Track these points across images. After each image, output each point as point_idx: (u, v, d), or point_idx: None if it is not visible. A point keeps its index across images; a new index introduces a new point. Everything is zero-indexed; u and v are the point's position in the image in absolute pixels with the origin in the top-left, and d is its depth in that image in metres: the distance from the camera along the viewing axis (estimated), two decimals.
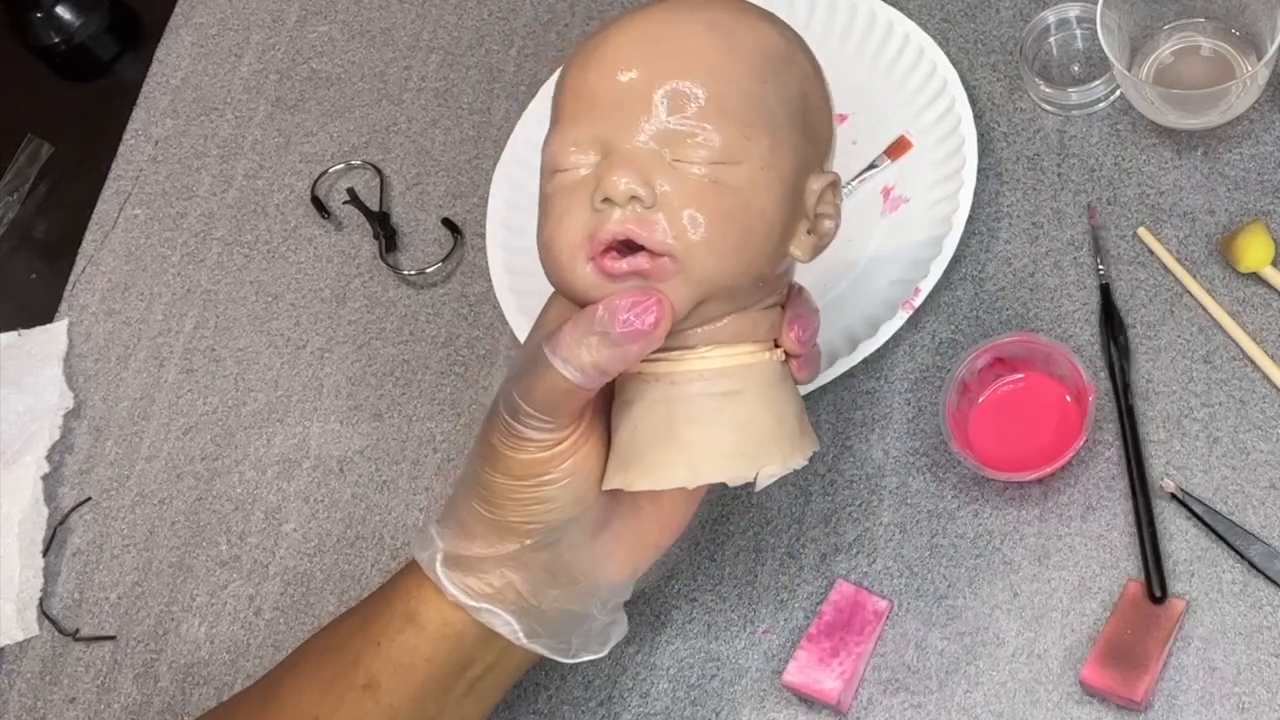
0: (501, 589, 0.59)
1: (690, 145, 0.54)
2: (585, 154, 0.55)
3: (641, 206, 0.53)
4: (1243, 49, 0.79)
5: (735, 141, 0.54)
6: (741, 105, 0.55)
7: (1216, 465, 0.71)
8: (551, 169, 0.56)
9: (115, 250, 0.94)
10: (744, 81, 0.55)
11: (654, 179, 0.54)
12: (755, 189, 0.55)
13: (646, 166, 0.54)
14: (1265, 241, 0.74)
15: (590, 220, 0.54)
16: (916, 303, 0.76)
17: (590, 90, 0.56)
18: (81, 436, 0.88)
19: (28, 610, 0.82)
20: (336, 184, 0.93)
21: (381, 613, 0.61)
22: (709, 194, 0.54)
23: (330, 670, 0.61)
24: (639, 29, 0.56)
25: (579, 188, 0.55)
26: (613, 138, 0.55)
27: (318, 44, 0.99)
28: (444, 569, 0.60)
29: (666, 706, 0.72)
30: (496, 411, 0.57)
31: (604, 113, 0.55)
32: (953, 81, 0.82)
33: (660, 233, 0.53)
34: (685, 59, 0.55)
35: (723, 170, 0.54)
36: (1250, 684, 0.66)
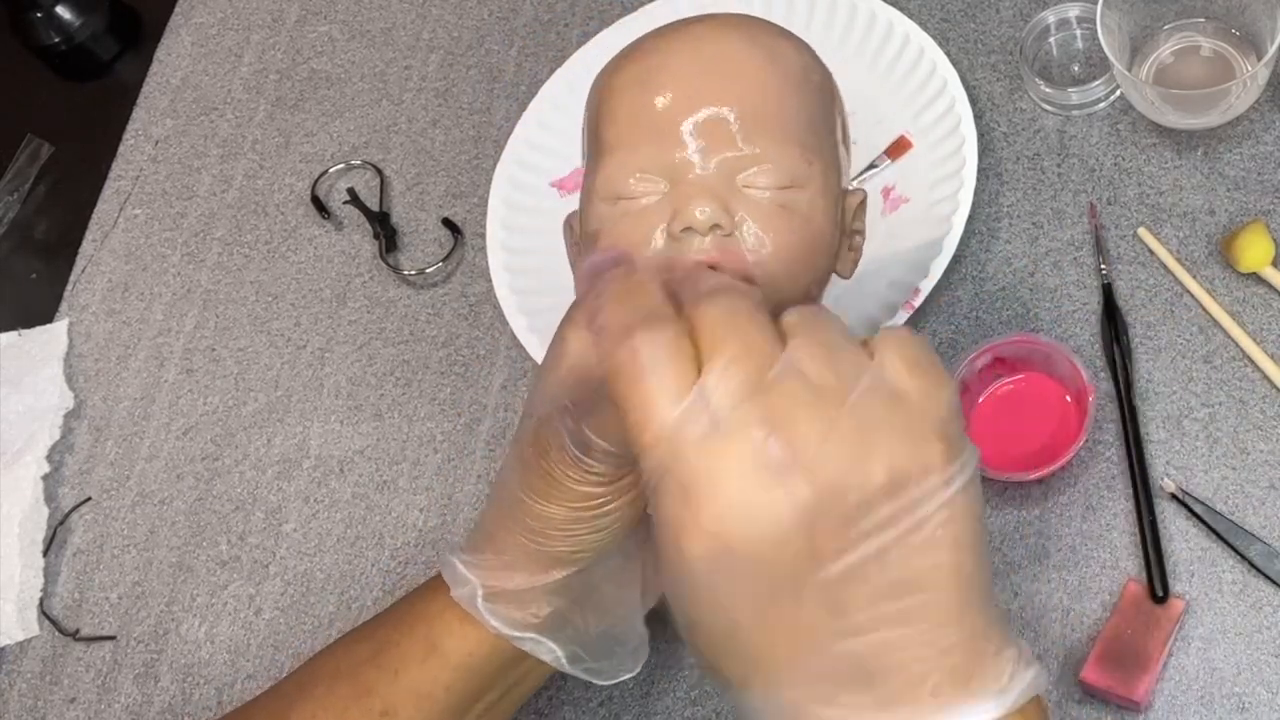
0: (547, 618, 0.59)
1: (757, 171, 0.54)
2: (651, 180, 0.55)
3: (721, 234, 0.54)
4: (1243, 49, 0.79)
5: (798, 166, 0.55)
6: (798, 128, 0.56)
7: (1216, 465, 0.71)
8: (612, 196, 0.56)
9: (115, 250, 0.94)
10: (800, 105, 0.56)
11: (732, 207, 0.54)
12: (815, 211, 0.56)
13: (722, 195, 0.54)
14: (1265, 241, 0.74)
15: (668, 249, 0.54)
16: (916, 303, 0.76)
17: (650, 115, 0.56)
18: (81, 436, 0.88)
19: (28, 610, 0.82)
20: (336, 184, 0.93)
21: (399, 641, 0.60)
22: (780, 219, 0.54)
23: (345, 697, 0.60)
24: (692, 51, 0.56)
25: (648, 215, 0.55)
26: (680, 165, 0.55)
27: (318, 44, 0.99)
28: (486, 604, 0.58)
29: (666, 706, 0.72)
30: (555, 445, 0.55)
31: (668, 139, 0.55)
32: (953, 81, 0.82)
33: (743, 259, 0.54)
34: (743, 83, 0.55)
35: (788, 195, 0.55)
36: (1250, 684, 0.66)
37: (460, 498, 0.80)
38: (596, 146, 0.58)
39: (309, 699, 0.61)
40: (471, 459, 0.81)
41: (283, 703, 0.62)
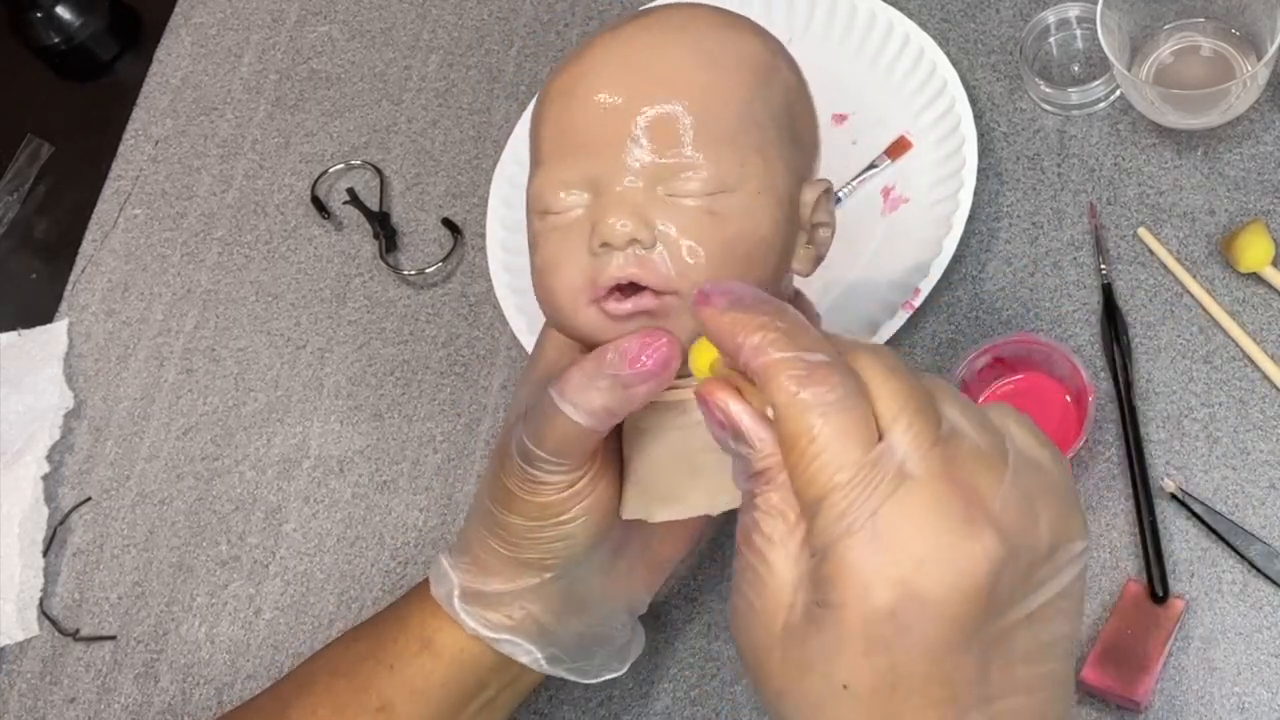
0: (521, 620, 0.59)
1: (683, 178, 0.52)
2: (575, 194, 0.54)
3: (641, 248, 0.52)
4: (1243, 49, 0.79)
5: (729, 168, 0.52)
6: (731, 128, 0.53)
7: (1216, 465, 0.71)
8: (541, 210, 0.55)
9: (115, 250, 0.94)
10: (731, 103, 0.53)
11: (651, 218, 0.52)
12: (753, 213, 0.53)
13: (642, 206, 0.52)
14: (1265, 241, 0.74)
15: (589, 264, 0.53)
16: (916, 303, 0.76)
17: (574, 126, 0.54)
18: (81, 436, 0.88)
19: (28, 610, 0.82)
20: (336, 184, 0.93)
21: (395, 637, 0.61)
22: (707, 225, 0.52)
23: (343, 693, 0.60)
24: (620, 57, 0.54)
25: (573, 230, 0.53)
26: (603, 176, 0.53)
27: (318, 44, 0.99)
28: (462, 604, 0.59)
29: (666, 706, 0.72)
30: (508, 454, 0.56)
31: (591, 150, 0.53)
32: (953, 81, 0.82)
33: (663, 273, 0.52)
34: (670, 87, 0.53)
35: (719, 200, 0.52)
36: (1250, 684, 0.66)
37: (460, 498, 0.80)
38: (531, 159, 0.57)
39: (308, 695, 0.61)
40: (471, 459, 0.81)
41: (282, 700, 0.62)
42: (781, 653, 0.42)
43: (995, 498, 0.41)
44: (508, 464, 0.56)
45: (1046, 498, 0.42)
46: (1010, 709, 0.42)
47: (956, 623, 0.40)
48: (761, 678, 0.43)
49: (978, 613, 0.40)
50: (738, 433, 0.43)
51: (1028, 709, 0.43)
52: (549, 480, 0.55)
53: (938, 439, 0.41)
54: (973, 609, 0.40)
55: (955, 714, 0.41)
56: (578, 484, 0.55)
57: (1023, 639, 0.42)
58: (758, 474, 0.43)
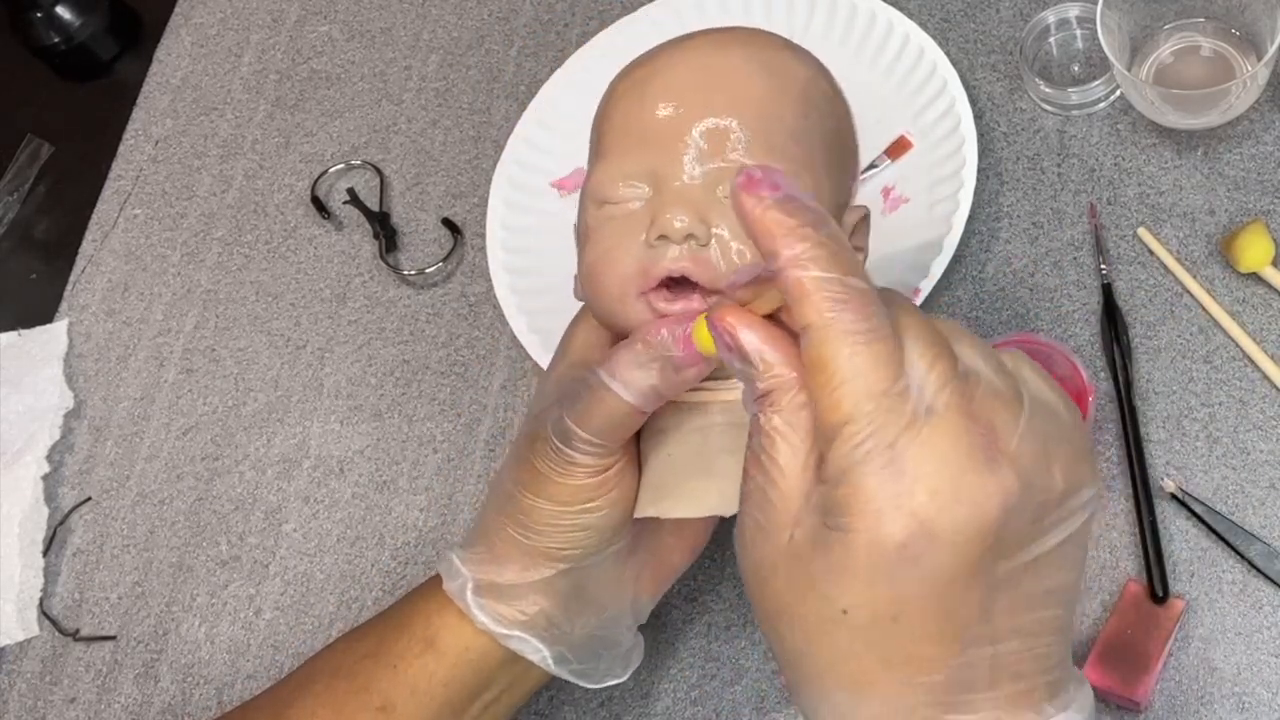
0: (534, 616, 0.59)
1: None
2: (636, 187, 0.56)
3: (697, 244, 0.54)
4: (1243, 49, 0.79)
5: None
6: (788, 143, 0.55)
7: (1216, 465, 0.71)
8: (600, 200, 0.57)
9: (115, 250, 0.94)
10: (790, 119, 0.56)
11: (709, 216, 0.54)
12: None
13: (701, 204, 0.54)
14: (1265, 241, 0.74)
15: (643, 255, 0.55)
16: (916, 303, 0.76)
17: (641, 124, 0.56)
18: (81, 436, 0.88)
19: (28, 610, 0.82)
20: (336, 184, 0.93)
21: (398, 637, 0.61)
22: None
23: (344, 692, 0.60)
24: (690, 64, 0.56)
25: (630, 221, 0.55)
26: (665, 172, 0.55)
27: (318, 44, 0.99)
28: (475, 597, 0.59)
29: (666, 706, 0.72)
30: (540, 436, 0.56)
31: (655, 147, 0.55)
32: (953, 81, 0.82)
33: (715, 270, 0.54)
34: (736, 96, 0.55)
35: None
36: (1250, 684, 0.66)
37: (460, 498, 0.80)
38: (593, 152, 0.59)
39: (309, 695, 0.61)
40: (471, 459, 0.81)
41: (282, 700, 0.62)
42: (785, 571, 0.42)
43: (1013, 437, 0.41)
44: (539, 446, 0.56)
45: (1060, 442, 0.42)
46: (1010, 651, 0.42)
47: (965, 558, 0.40)
48: (761, 596, 0.43)
49: (987, 550, 0.40)
50: (744, 354, 0.43)
51: (1029, 654, 0.43)
52: (586, 463, 0.56)
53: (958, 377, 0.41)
54: (982, 546, 0.40)
55: (956, 651, 0.41)
56: (608, 471, 0.56)
57: (1028, 582, 0.42)
58: (763, 395, 0.43)
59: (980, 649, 0.42)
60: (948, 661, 0.41)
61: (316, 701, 0.60)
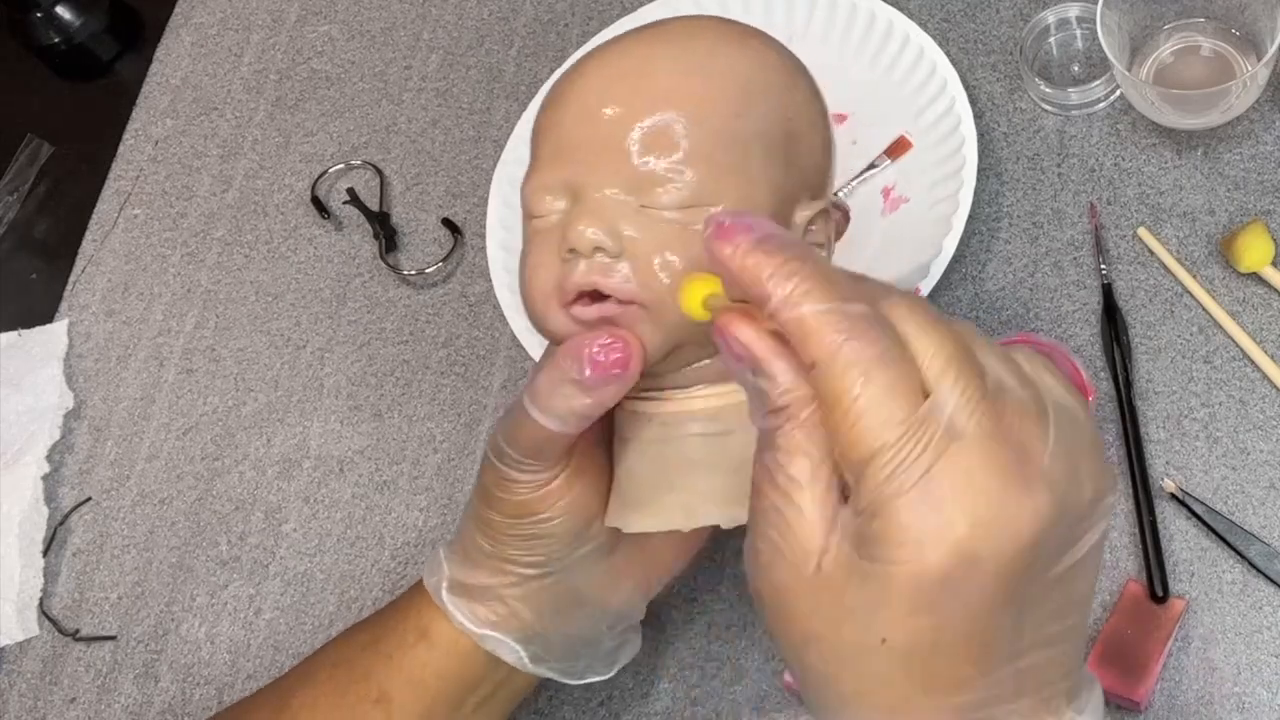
0: (506, 616, 0.59)
1: (660, 190, 0.52)
2: (556, 199, 0.54)
3: (606, 256, 0.52)
4: (1243, 49, 0.79)
5: (706, 183, 0.52)
6: (713, 144, 0.52)
7: (1216, 465, 0.71)
8: (527, 213, 0.56)
9: (115, 250, 0.94)
10: (716, 119, 0.53)
11: (621, 227, 0.52)
12: None
13: (613, 215, 0.52)
14: (1265, 241, 0.74)
15: (559, 269, 0.53)
16: None
17: (560, 131, 0.54)
18: (81, 436, 0.88)
19: (28, 610, 0.82)
20: (336, 184, 0.93)
21: (394, 628, 0.61)
22: (679, 239, 0.51)
23: (342, 683, 0.61)
24: (610, 67, 0.54)
25: (550, 234, 0.54)
26: (581, 183, 0.53)
27: (318, 44, 0.99)
28: (449, 595, 0.59)
29: (667, 707, 0.72)
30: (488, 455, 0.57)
31: (575, 157, 0.53)
32: (953, 81, 0.82)
33: (624, 282, 0.52)
34: (654, 99, 0.53)
35: (695, 214, 0.51)
36: (1250, 684, 0.66)
37: (460, 498, 0.80)
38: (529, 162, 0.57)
39: (311, 685, 0.62)
40: (471, 459, 0.81)
41: (285, 692, 0.62)
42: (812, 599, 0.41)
43: (1044, 453, 0.39)
44: (484, 461, 0.57)
45: (1084, 448, 0.41)
46: (1035, 663, 0.42)
47: (1004, 583, 0.39)
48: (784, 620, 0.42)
49: (1024, 572, 0.39)
50: (756, 365, 0.41)
51: (1052, 662, 0.42)
52: (522, 479, 0.56)
53: (985, 394, 0.39)
54: (1021, 569, 0.39)
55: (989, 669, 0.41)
56: (552, 484, 0.56)
57: (1057, 594, 0.41)
58: (779, 409, 0.41)
59: (1010, 663, 0.41)
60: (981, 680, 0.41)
61: (318, 691, 0.61)
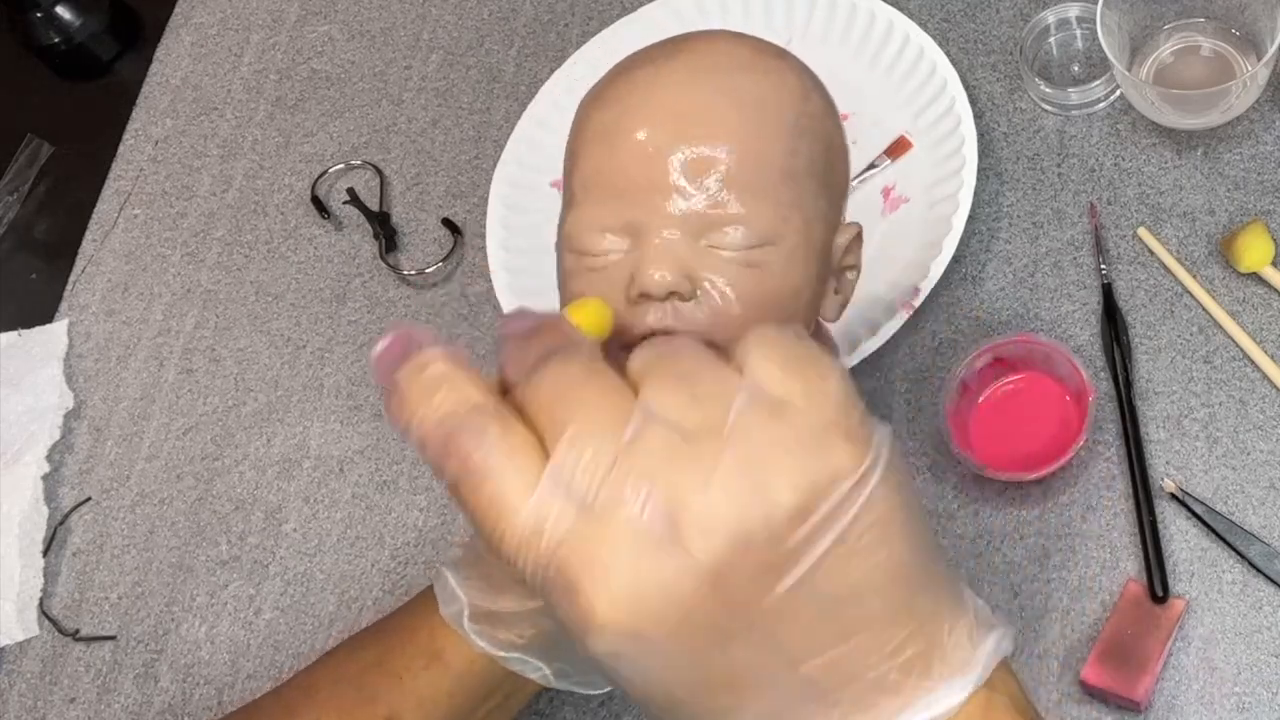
0: (533, 639, 0.58)
1: (724, 230, 0.51)
2: (614, 239, 0.53)
3: (680, 299, 0.51)
4: (1243, 49, 0.79)
5: (769, 223, 0.52)
6: (774, 182, 0.52)
7: (1216, 465, 0.71)
8: (577, 250, 0.54)
9: (115, 250, 0.94)
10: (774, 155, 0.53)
11: (691, 269, 0.51)
12: (792, 266, 0.53)
13: (683, 257, 0.51)
14: (1265, 241, 0.74)
15: (625, 313, 0.52)
16: (916, 303, 0.76)
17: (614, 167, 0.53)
18: (81, 436, 0.88)
19: (28, 610, 0.82)
20: (336, 184, 0.93)
21: (404, 648, 0.60)
22: (748, 280, 0.51)
23: (349, 702, 0.60)
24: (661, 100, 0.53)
25: (610, 274, 0.53)
26: (643, 223, 0.52)
27: (318, 44, 0.99)
28: (471, 624, 0.58)
29: None
30: None
31: (631, 195, 0.52)
32: (953, 81, 0.82)
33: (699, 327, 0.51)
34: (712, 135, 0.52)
35: (758, 254, 0.52)
36: (1250, 684, 0.66)
37: None
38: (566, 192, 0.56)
39: (313, 703, 0.61)
40: None
41: (286, 706, 0.62)
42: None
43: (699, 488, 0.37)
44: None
45: (785, 448, 0.38)
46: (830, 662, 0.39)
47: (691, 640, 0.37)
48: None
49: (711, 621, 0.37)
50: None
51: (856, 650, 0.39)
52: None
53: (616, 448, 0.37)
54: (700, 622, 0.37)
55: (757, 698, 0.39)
56: None
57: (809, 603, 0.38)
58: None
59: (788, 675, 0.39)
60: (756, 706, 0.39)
61: (321, 710, 0.60)
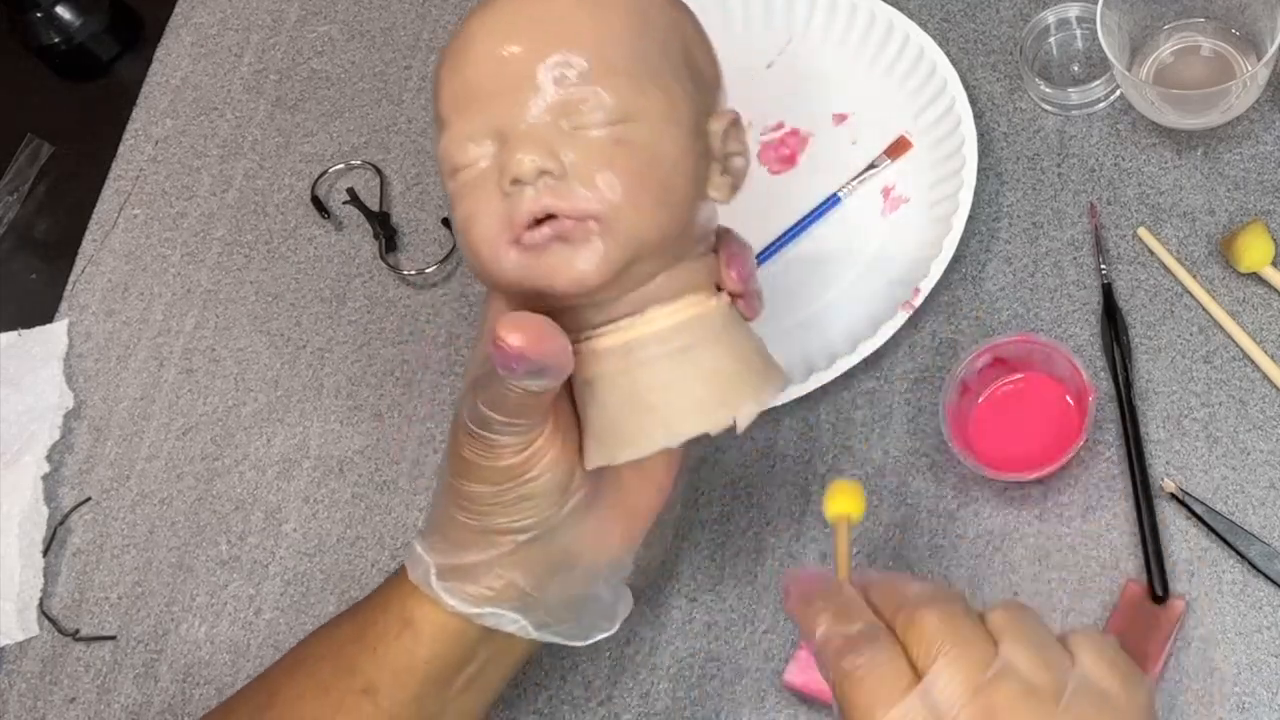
0: (502, 589, 0.59)
1: (586, 111, 0.54)
2: (482, 145, 0.55)
3: (553, 179, 0.53)
4: (1243, 49, 0.79)
5: (629, 98, 0.54)
6: (626, 61, 0.55)
7: (1216, 465, 0.71)
8: (451, 168, 0.56)
9: (115, 250, 0.94)
10: (623, 38, 0.55)
11: (558, 150, 0.53)
12: (660, 140, 0.55)
13: (548, 140, 0.53)
14: (1265, 241, 0.74)
15: (504, 207, 0.54)
16: (916, 303, 0.76)
17: (471, 81, 0.55)
18: (81, 436, 0.88)
19: (28, 610, 0.82)
20: (336, 184, 0.93)
21: (377, 620, 0.61)
22: (618, 154, 0.54)
23: (327, 675, 0.60)
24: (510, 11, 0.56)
25: (484, 179, 0.55)
26: (506, 122, 0.54)
27: (318, 44, 0.99)
28: (439, 582, 0.59)
29: (666, 706, 0.72)
30: (459, 425, 0.56)
31: (492, 100, 0.55)
32: (953, 81, 0.82)
33: (579, 198, 0.53)
34: (560, 28, 0.54)
35: (624, 129, 0.54)
36: (1250, 684, 0.66)
37: None
38: (437, 124, 0.58)
39: (294, 681, 0.62)
40: None
41: (270, 687, 0.62)
42: None
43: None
44: (460, 435, 0.56)
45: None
46: None
47: None
48: None
49: None
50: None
51: None
52: (509, 443, 0.55)
53: (980, 684, 0.44)
54: None
55: None
56: (537, 442, 0.56)
57: None
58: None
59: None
60: None
61: (302, 686, 0.61)
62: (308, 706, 0.60)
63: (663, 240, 0.55)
